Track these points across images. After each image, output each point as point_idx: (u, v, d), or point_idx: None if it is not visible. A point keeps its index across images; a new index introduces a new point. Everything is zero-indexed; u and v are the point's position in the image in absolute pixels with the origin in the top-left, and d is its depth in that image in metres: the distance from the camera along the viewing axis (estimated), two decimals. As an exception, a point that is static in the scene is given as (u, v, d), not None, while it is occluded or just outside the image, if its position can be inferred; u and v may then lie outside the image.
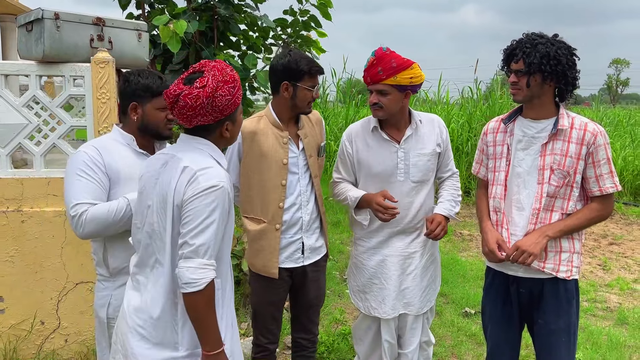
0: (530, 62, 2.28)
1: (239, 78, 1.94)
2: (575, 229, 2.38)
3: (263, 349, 2.78)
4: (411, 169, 2.72)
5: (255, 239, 2.66)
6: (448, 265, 5.87)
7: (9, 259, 3.38)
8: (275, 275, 2.64)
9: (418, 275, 2.80)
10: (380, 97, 2.63)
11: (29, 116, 3.36)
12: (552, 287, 2.41)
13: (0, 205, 3.38)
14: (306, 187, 2.68)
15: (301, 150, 2.68)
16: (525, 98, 2.38)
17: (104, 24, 3.45)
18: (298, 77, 2.56)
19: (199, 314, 1.82)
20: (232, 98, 1.88)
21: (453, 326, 4.33)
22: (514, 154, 2.46)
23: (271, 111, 2.66)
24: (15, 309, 3.43)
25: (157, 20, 4.73)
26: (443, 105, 11.16)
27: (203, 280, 1.78)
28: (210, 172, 1.85)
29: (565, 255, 2.39)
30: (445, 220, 2.71)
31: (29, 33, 3.30)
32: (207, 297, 1.81)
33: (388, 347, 2.89)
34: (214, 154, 1.95)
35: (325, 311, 4.49)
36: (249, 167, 2.63)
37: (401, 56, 2.62)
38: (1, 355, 3.41)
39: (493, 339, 2.64)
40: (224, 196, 1.84)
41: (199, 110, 1.85)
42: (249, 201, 2.68)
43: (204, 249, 1.80)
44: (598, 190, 2.35)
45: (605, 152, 2.33)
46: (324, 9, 5.61)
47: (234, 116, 1.97)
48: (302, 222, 2.68)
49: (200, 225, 1.80)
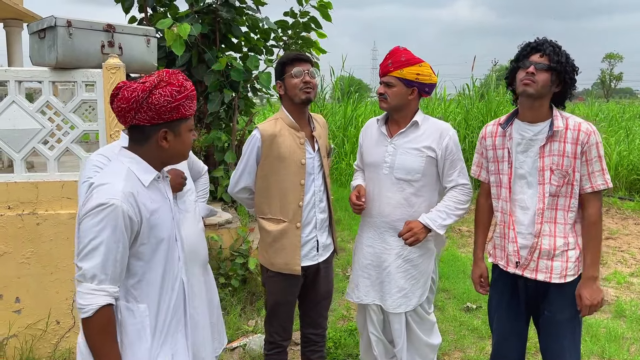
0: (558, 60, 2.38)
1: (192, 90, 1.85)
2: (598, 247, 2.49)
3: (277, 345, 2.87)
4: (396, 164, 2.76)
5: (277, 238, 2.73)
6: (448, 262, 5.98)
7: (25, 260, 3.47)
8: (298, 272, 2.72)
9: (392, 273, 2.81)
10: (386, 88, 2.74)
11: (42, 121, 3.45)
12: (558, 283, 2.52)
13: (16, 209, 3.47)
14: (320, 187, 2.79)
15: (317, 151, 2.78)
16: (537, 92, 2.42)
17: (114, 31, 3.53)
18: (282, 71, 2.74)
19: (90, 342, 1.71)
20: (173, 101, 1.78)
21: (455, 321, 4.44)
22: (515, 156, 2.55)
23: (285, 113, 2.76)
24: (31, 309, 3.52)
25: (160, 23, 4.81)
26: (440, 102, 11.25)
27: (90, 307, 1.67)
28: (104, 189, 1.73)
29: (572, 258, 2.49)
30: (421, 229, 2.69)
31: (41, 40, 3.38)
32: (98, 325, 1.69)
33: (375, 339, 2.94)
34: (136, 168, 1.83)
35: (330, 308, 4.58)
36: (267, 168, 2.72)
37: (413, 54, 2.75)
38: (18, 354, 3.51)
39: (499, 330, 2.72)
40: (115, 215, 1.69)
41: (132, 104, 1.76)
42: (266, 202, 2.75)
43: (90, 273, 1.68)
44: (590, 187, 2.45)
45: (597, 150, 2.43)
46: (324, 11, 5.70)
47: (177, 127, 1.84)
48: (317, 221, 2.78)
49: (86, 248, 1.69)
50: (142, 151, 1.86)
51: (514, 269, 2.56)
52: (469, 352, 3.93)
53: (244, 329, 4.16)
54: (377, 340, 2.96)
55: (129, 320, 1.81)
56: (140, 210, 1.77)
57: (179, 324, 1.99)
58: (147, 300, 1.83)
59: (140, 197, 1.78)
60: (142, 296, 1.82)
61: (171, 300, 1.92)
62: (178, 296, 1.97)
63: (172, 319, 1.93)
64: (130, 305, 1.81)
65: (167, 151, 1.87)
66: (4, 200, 3.45)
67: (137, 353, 1.81)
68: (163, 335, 1.89)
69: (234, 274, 4.58)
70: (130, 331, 1.81)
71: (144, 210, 1.78)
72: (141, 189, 1.81)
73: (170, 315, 1.92)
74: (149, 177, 1.85)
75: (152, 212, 1.82)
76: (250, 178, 2.77)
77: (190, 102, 1.85)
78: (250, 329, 4.16)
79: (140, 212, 1.76)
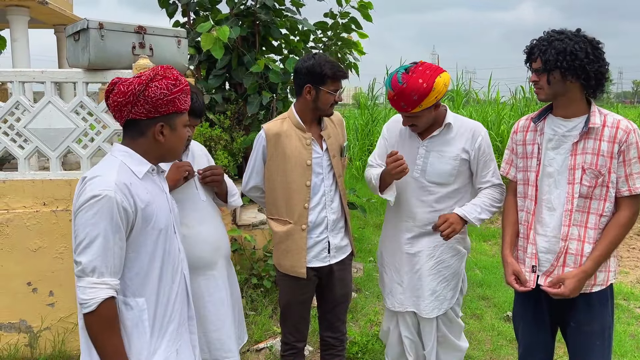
0: (546, 59, 2.23)
1: (186, 84, 1.85)
2: (612, 251, 2.29)
3: (291, 347, 2.83)
4: (428, 168, 2.69)
5: (282, 240, 2.70)
6: (491, 269, 5.75)
7: (58, 255, 3.59)
8: (303, 275, 2.68)
9: (424, 276, 2.75)
10: (412, 120, 2.63)
11: (76, 121, 3.56)
12: (585, 292, 2.34)
13: (51, 205, 3.60)
14: (330, 187, 2.72)
15: (325, 150, 2.72)
16: (548, 96, 2.33)
17: (145, 32, 3.60)
18: (321, 81, 2.59)
19: (93, 337, 1.70)
20: (169, 94, 1.78)
21: (493, 330, 4.24)
22: (545, 153, 2.40)
23: (294, 113, 2.71)
24: (64, 302, 3.63)
25: (200, 27, 4.90)
26: (493, 106, 10.90)
27: (93, 301, 1.66)
28: (97, 180, 1.72)
29: (602, 267, 2.31)
30: (458, 220, 2.62)
31: (76, 42, 3.50)
32: (102, 319, 1.69)
33: (409, 343, 2.90)
34: (129, 161, 1.82)
35: (363, 312, 4.50)
36: (273, 168, 2.69)
37: (419, 82, 2.48)
38: (50, 346, 3.63)
39: (525, 340, 2.58)
40: (110, 206, 1.68)
41: (129, 97, 1.76)
42: (273, 203, 2.73)
43: (91, 267, 1.67)
44: (627, 190, 2.26)
45: (637, 150, 2.23)
46: (364, 11, 5.64)
47: (173, 121, 1.84)
48: (328, 222, 2.71)
49: (84, 241, 1.68)
50: (137, 146, 1.86)
51: (529, 273, 2.39)
52: (504, 364, 3.74)
53: (273, 330, 4.13)
54: (412, 343, 2.91)
55: (126, 314, 1.80)
56: (135, 201, 1.76)
57: (182, 318, 1.97)
58: (145, 294, 1.82)
59: (134, 188, 1.78)
60: (140, 290, 1.80)
61: (171, 294, 1.90)
62: (180, 290, 1.96)
63: (173, 313, 1.91)
64: (128, 299, 1.81)
65: (163, 145, 1.86)
66: (40, 196, 3.58)
67: (135, 347, 1.80)
68: (163, 329, 1.88)
69: (266, 274, 4.57)
70: (128, 325, 1.80)
71: (139, 201, 1.77)
72: (135, 180, 1.81)
73: (170, 309, 1.90)
74: (143, 169, 1.85)
75: (147, 203, 1.81)
76: (259, 177, 2.76)
77: (185, 96, 1.85)
78: (279, 331, 4.13)
79: (134, 203, 1.76)
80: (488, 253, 6.54)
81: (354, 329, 4.10)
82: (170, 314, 1.90)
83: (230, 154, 5.29)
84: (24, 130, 3.53)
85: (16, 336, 3.63)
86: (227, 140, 5.28)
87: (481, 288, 5.18)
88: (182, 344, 1.96)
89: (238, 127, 5.59)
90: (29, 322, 3.64)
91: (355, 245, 6.28)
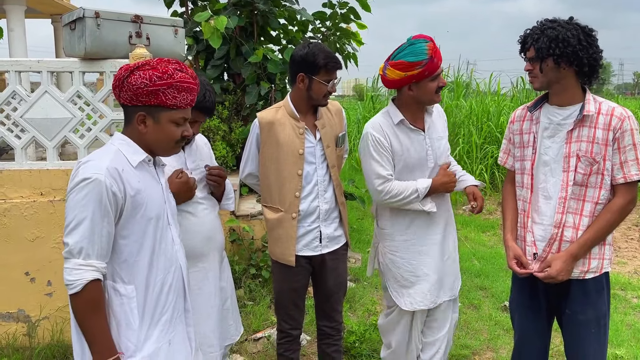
0: (539, 47, 2.24)
1: (180, 80, 1.82)
2: (603, 237, 2.29)
3: (286, 334, 2.84)
4: (436, 153, 2.75)
5: (274, 227, 2.72)
6: (490, 259, 5.76)
7: (56, 245, 3.59)
8: (292, 262, 2.68)
9: (450, 259, 2.83)
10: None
11: (73, 110, 3.56)
12: (579, 279, 2.34)
13: (48, 195, 3.60)
14: (324, 177, 2.71)
15: (318, 140, 2.71)
16: (542, 85, 2.33)
17: (142, 21, 3.59)
18: (314, 70, 2.58)
19: (79, 319, 1.71)
20: (150, 85, 1.77)
21: (490, 320, 4.26)
22: (540, 142, 2.40)
23: (289, 102, 2.70)
24: (62, 292, 3.63)
25: (198, 17, 4.87)
26: (493, 96, 10.87)
27: (78, 282, 1.68)
28: (89, 164, 1.75)
29: (595, 254, 2.31)
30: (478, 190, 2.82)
31: (72, 31, 3.49)
32: (88, 301, 1.70)
33: (413, 350, 2.90)
34: (126, 149, 1.85)
35: (361, 302, 4.51)
36: (266, 156, 2.69)
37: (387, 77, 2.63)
38: (49, 335, 3.64)
39: (521, 328, 2.58)
40: (99, 189, 1.70)
41: (116, 82, 1.82)
42: (267, 190, 2.74)
43: (77, 248, 1.69)
44: (622, 177, 2.25)
45: (631, 137, 2.23)
46: (363, 1, 5.61)
47: (156, 114, 1.83)
48: (320, 211, 2.71)
49: (72, 222, 1.71)
50: (129, 132, 1.89)
51: (531, 260, 2.39)
52: (502, 353, 3.75)
53: (271, 319, 4.14)
54: (415, 349, 2.91)
55: (115, 300, 1.81)
56: (125, 187, 1.78)
57: (177, 310, 1.97)
58: (135, 282, 1.82)
59: (126, 174, 1.79)
60: (129, 277, 1.81)
61: (164, 284, 1.90)
62: (175, 282, 1.95)
63: (166, 303, 1.91)
64: (117, 285, 1.81)
65: (145, 136, 1.87)
66: (37, 186, 3.58)
67: (124, 333, 1.81)
68: (155, 319, 1.87)
69: (264, 265, 4.58)
70: (117, 312, 1.81)
71: (129, 187, 1.79)
72: (128, 167, 1.82)
73: (163, 299, 1.90)
74: (138, 158, 1.87)
75: (138, 190, 1.82)
76: (254, 164, 2.77)
77: (174, 91, 1.81)
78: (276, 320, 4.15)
79: (124, 189, 1.77)
80: (486, 244, 6.55)
81: (351, 318, 4.11)
82: (163, 305, 1.90)
83: (228, 144, 5.29)
84: (20, 120, 3.52)
85: (14, 326, 3.64)
86: (226, 130, 5.28)
87: (479, 278, 5.19)
88: (175, 335, 1.96)
89: (236, 117, 5.59)
90: (27, 311, 3.65)
91: (354, 236, 6.35)
